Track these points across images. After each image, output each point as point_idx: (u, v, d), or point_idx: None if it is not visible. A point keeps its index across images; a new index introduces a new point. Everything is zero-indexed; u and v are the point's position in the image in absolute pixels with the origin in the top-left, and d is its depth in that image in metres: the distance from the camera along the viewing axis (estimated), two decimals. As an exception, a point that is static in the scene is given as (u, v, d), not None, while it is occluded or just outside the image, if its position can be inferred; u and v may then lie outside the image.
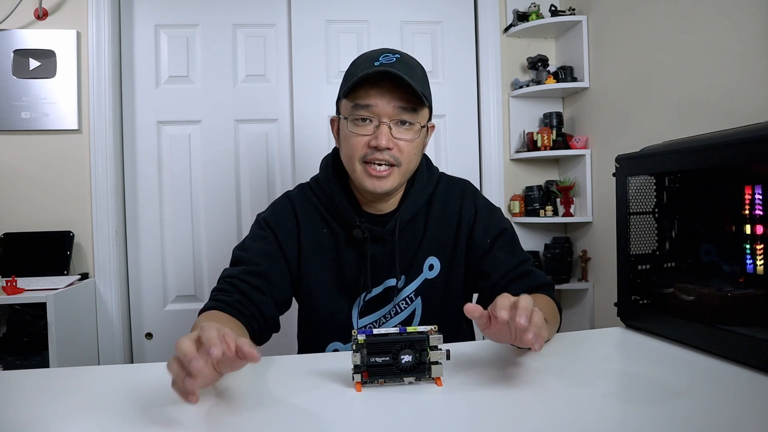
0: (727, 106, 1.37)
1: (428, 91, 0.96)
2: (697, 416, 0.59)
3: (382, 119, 0.91)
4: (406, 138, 0.93)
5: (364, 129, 0.93)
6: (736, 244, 0.79)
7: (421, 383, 0.70)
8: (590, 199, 2.05)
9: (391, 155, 0.92)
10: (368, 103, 0.91)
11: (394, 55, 0.93)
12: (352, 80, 0.91)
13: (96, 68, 1.94)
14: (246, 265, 0.96)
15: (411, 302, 1.03)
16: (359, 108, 0.92)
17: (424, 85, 0.95)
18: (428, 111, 0.98)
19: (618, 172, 1.00)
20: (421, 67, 0.97)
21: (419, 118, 0.94)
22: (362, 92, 0.92)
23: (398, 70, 0.89)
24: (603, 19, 1.96)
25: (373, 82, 0.90)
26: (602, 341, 0.93)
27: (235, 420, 0.60)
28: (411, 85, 0.88)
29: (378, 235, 1.00)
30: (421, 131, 0.95)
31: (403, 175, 0.96)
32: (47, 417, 0.62)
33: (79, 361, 1.78)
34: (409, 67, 0.92)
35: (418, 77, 0.93)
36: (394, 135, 0.92)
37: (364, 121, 0.92)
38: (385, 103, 0.91)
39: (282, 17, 2.11)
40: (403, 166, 0.94)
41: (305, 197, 1.06)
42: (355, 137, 0.93)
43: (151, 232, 2.06)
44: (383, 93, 0.91)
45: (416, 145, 0.95)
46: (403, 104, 0.91)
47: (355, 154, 0.93)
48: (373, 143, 0.91)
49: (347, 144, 0.95)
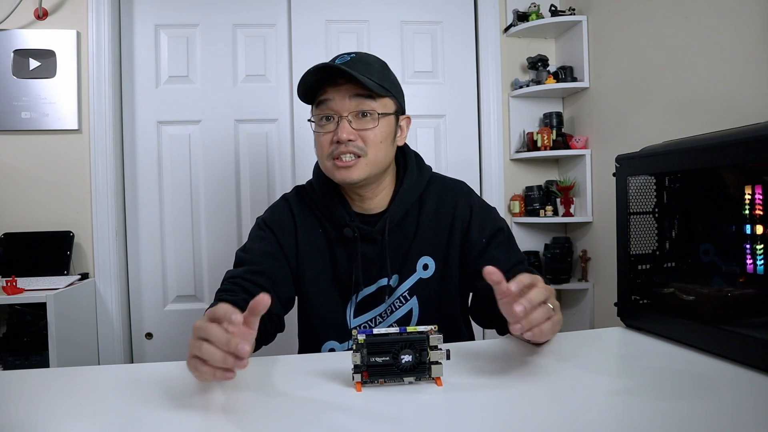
0: (727, 106, 1.37)
1: (389, 82, 1.00)
2: (697, 416, 0.59)
3: (342, 114, 0.95)
4: (367, 127, 0.96)
5: (327, 127, 0.97)
6: (736, 243, 0.79)
7: (421, 383, 0.70)
8: (590, 199, 2.05)
9: (355, 146, 0.95)
10: (326, 98, 0.96)
11: (349, 55, 0.98)
12: (301, 78, 0.95)
13: (96, 68, 1.94)
14: (249, 265, 0.98)
15: (406, 301, 1.04)
16: (320, 105, 0.97)
17: (383, 77, 0.98)
18: (392, 101, 1.00)
19: (618, 172, 1.00)
20: (380, 62, 1.02)
21: (378, 107, 0.96)
22: (320, 92, 0.97)
23: (351, 67, 0.93)
24: (603, 19, 1.96)
25: (330, 81, 0.95)
26: (602, 341, 0.93)
27: (235, 420, 0.60)
28: (356, 76, 0.91)
29: (368, 234, 1.02)
30: (382, 119, 0.97)
31: (373, 164, 0.97)
32: (47, 417, 0.62)
33: (79, 361, 1.78)
34: (364, 63, 0.97)
35: (374, 71, 0.97)
36: (354, 127, 0.95)
37: (328, 120, 0.97)
38: (341, 98, 0.95)
39: (282, 17, 2.11)
40: (369, 155, 0.96)
41: (301, 199, 1.09)
42: (321, 136, 0.98)
43: (151, 231, 2.06)
44: (338, 88, 0.95)
45: (381, 133, 0.97)
46: (358, 92, 0.95)
47: (323, 152, 0.98)
48: (335, 138, 0.95)
49: (317, 145, 1.00)
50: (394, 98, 1.01)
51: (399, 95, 1.03)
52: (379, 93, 0.95)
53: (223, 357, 0.60)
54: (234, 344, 0.59)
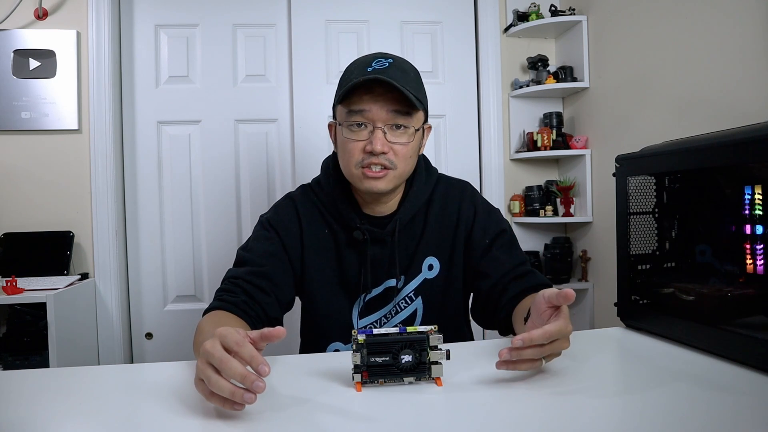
0: (727, 106, 1.37)
1: (423, 94, 0.97)
2: (697, 416, 0.59)
3: (377, 124, 0.92)
4: (400, 141, 0.93)
5: (359, 134, 0.93)
6: (735, 243, 0.79)
7: (421, 383, 0.70)
8: (590, 199, 2.05)
9: (386, 159, 0.93)
10: (362, 108, 0.92)
11: (386, 60, 0.94)
12: (344, 88, 0.92)
13: (96, 68, 1.94)
14: (250, 266, 0.97)
15: (411, 302, 1.04)
16: (354, 114, 0.93)
17: (418, 89, 0.95)
18: (423, 114, 0.98)
19: (618, 172, 1.00)
20: (414, 71, 0.98)
21: (413, 122, 0.94)
22: (356, 98, 0.92)
23: (391, 75, 0.90)
24: (603, 19, 1.96)
25: (366, 87, 0.91)
26: (602, 341, 0.93)
27: (235, 419, 0.60)
28: (403, 91, 0.89)
29: (378, 236, 1.01)
30: (415, 134, 0.95)
31: (399, 177, 0.96)
32: (47, 417, 0.62)
33: (79, 361, 1.78)
34: (402, 71, 0.93)
35: (411, 81, 0.94)
36: (388, 139, 0.92)
37: (359, 126, 0.93)
38: (378, 108, 0.91)
39: (282, 17, 2.11)
40: (398, 169, 0.95)
41: (307, 198, 1.07)
42: (351, 143, 0.94)
43: (151, 232, 2.06)
44: (376, 98, 0.91)
45: (411, 148, 0.95)
46: (396, 108, 0.92)
47: (352, 159, 0.94)
48: (368, 148, 0.92)
49: (344, 150, 0.96)
50: (425, 110, 0.99)
51: (427, 106, 1.00)
52: (416, 108, 0.93)
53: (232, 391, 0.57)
54: (250, 382, 0.56)
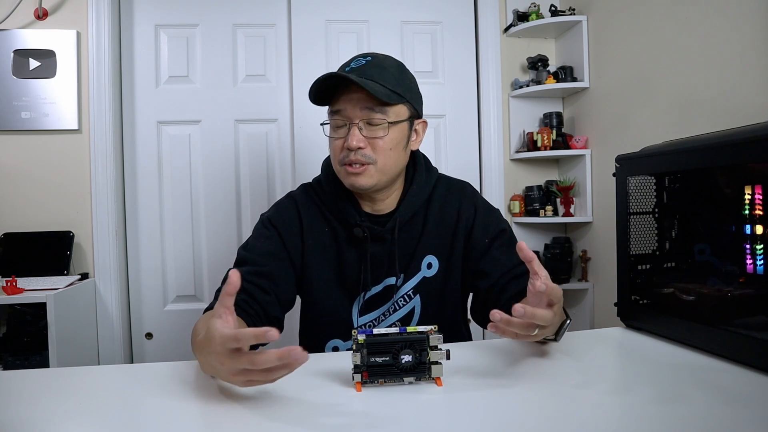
0: (727, 106, 1.37)
1: (405, 87, 0.99)
2: (697, 416, 0.59)
3: (353, 121, 0.95)
4: (376, 135, 0.96)
5: (339, 132, 0.97)
6: (735, 243, 0.79)
7: (421, 383, 0.70)
8: (590, 199, 2.05)
9: (363, 154, 0.95)
10: (339, 108, 0.96)
11: (365, 58, 0.97)
12: (311, 86, 0.95)
13: (96, 68, 1.93)
14: (251, 265, 0.98)
15: (410, 300, 1.04)
16: (333, 114, 0.98)
17: (398, 83, 0.97)
18: (406, 107, 0.99)
19: (618, 172, 1.00)
20: (396, 66, 1.00)
21: (389, 116, 0.96)
22: (334, 99, 0.97)
23: (365, 73, 0.93)
24: (603, 19, 1.96)
25: (345, 87, 0.95)
26: (602, 341, 0.93)
27: (235, 419, 0.60)
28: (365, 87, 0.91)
29: (378, 234, 1.02)
30: (391, 127, 0.96)
31: (382, 172, 0.97)
32: (47, 417, 0.62)
33: (79, 361, 1.78)
34: (380, 68, 0.96)
35: (389, 76, 0.96)
36: (365, 135, 0.95)
37: (339, 125, 0.97)
38: (352, 107, 0.95)
39: (282, 17, 2.11)
40: (379, 163, 0.96)
41: (308, 197, 1.08)
42: (333, 141, 0.99)
43: (151, 232, 2.06)
44: (351, 96, 0.95)
45: (390, 141, 0.96)
46: (368, 104, 0.94)
47: (335, 157, 0.99)
48: (345, 145, 0.95)
49: (330, 148, 1.01)
50: (409, 103, 1.00)
51: (415, 99, 1.01)
52: (391, 102, 0.95)
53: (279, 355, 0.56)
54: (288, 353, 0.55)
